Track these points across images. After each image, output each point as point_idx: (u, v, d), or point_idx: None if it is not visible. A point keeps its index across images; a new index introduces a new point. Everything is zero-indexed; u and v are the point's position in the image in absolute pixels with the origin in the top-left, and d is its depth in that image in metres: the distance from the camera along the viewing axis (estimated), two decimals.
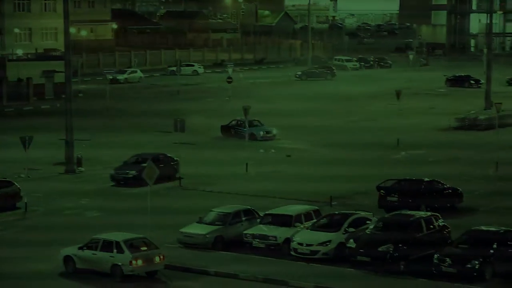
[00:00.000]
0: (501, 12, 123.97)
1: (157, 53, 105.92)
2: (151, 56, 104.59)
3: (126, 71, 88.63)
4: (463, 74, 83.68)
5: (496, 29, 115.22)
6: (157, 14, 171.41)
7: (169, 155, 42.63)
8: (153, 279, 27.79)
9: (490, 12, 68.05)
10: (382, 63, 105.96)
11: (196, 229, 30.80)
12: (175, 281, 27.62)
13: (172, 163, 42.15)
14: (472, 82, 79.42)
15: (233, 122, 53.96)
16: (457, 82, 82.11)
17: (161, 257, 27.88)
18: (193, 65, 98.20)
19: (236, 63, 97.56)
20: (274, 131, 53.29)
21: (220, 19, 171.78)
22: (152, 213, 30.50)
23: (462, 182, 38.80)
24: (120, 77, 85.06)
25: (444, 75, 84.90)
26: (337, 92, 79.78)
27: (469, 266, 26.66)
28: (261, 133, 52.33)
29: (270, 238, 30.02)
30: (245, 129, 47.80)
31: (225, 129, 54.22)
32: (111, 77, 74.57)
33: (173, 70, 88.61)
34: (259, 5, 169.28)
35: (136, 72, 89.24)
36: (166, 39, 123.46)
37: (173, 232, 31.24)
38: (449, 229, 29.74)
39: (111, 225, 31.50)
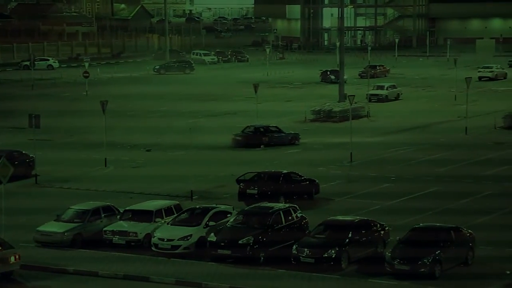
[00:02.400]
0: (352, 6, 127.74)
1: (9, 47, 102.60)
2: (2, 50, 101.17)
3: None
4: (329, 70, 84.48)
5: (347, 23, 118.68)
6: (8, 7, 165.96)
7: (24, 152, 41.49)
8: (9, 279, 26.98)
9: (341, 6, 69.76)
10: (239, 57, 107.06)
11: (53, 227, 30.15)
12: (32, 281, 26.94)
13: (27, 160, 41.04)
14: (332, 77, 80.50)
15: (258, 129, 48.93)
16: (326, 76, 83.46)
17: (17, 257, 27.09)
18: (48, 60, 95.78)
19: (93, 57, 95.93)
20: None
21: (75, 12, 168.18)
22: (6, 212, 29.60)
23: (318, 173, 39.80)
24: None
25: (320, 70, 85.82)
26: (194, 88, 79.87)
27: (326, 255, 27.38)
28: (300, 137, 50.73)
29: (130, 234, 29.77)
30: (283, 134, 49.07)
31: (249, 138, 48.62)
32: None
33: (27, 65, 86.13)
34: None
35: None
36: (19, 33, 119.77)
37: (29, 231, 30.43)
38: (306, 220, 30.43)
39: None
